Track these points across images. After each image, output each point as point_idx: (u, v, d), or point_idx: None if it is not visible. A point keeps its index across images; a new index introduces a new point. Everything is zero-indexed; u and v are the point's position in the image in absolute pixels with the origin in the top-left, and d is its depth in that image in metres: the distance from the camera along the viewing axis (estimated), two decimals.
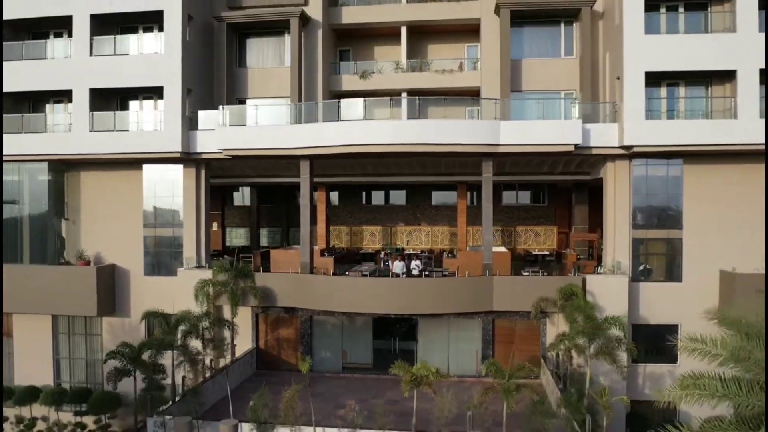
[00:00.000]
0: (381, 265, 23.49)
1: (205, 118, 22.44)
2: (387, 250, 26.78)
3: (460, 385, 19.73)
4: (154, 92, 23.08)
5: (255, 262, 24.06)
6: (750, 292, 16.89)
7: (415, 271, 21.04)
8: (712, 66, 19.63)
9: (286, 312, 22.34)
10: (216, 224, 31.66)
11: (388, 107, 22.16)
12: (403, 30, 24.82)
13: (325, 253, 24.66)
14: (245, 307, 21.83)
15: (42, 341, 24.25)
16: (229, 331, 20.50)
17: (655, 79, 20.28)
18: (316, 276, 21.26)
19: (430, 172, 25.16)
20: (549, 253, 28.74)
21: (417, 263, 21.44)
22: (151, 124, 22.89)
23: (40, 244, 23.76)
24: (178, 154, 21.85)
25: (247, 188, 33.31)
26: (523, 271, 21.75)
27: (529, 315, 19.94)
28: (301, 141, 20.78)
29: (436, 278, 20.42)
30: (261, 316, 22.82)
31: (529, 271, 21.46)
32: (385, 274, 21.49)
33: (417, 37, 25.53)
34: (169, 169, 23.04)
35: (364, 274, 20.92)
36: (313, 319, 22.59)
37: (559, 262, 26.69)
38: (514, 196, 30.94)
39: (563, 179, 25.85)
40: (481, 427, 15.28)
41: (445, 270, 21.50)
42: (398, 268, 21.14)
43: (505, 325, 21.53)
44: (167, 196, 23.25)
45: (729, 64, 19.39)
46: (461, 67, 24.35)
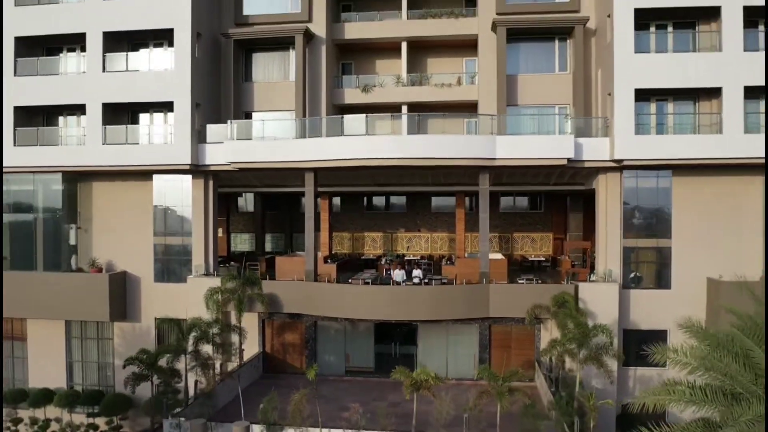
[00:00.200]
0: (383, 273, 24.24)
1: (213, 131, 23.29)
2: (388, 257, 27.49)
3: (458, 387, 20.61)
4: (164, 105, 23.76)
5: (261, 269, 24.87)
6: (735, 299, 17.68)
7: (416, 280, 21.78)
8: (698, 83, 20.39)
9: (292, 318, 23.09)
10: (221, 230, 32.30)
11: (389, 120, 22.86)
12: (404, 45, 25.49)
13: (329, 260, 25.33)
14: (252, 313, 22.61)
15: (55, 345, 25.07)
16: (237, 336, 21.33)
17: (644, 95, 21.06)
18: (321, 284, 22.03)
19: (429, 183, 25.89)
20: (545, 258, 29.48)
21: (418, 273, 22.19)
22: (161, 137, 23.73)
23: (54, 252, 24.60)
24: (188, 166, 22.62)
25: (251, 195, 33.90)
26: (518, 278, 22.45)
27: (524, 321, 20.59)
28: (305, 154, 21.54)
29: (435, 286, 21.21)
30: (267, 322, 23.58)
31: (524, 279, 22.19)
32: (387, 282, 22.23)
33: (417, 51, 26.22)
34: (179, 179, 23.81)
35: (366, 282, 21.68)
36: (317, 324, 23.39)
37: (555, 268, 27.49)
38: (512, 202, 31.48)
39: (558, 189, 26.57)
40: (477, 429, 16.14)
41: (444, 278, 22.27)
42: (399, 276, 21.92)
43: (501, 330, 22.34)
44: (176, 206, 24.06)
45: (715, 81, 20.19)
46: (459, 82, 25.12)
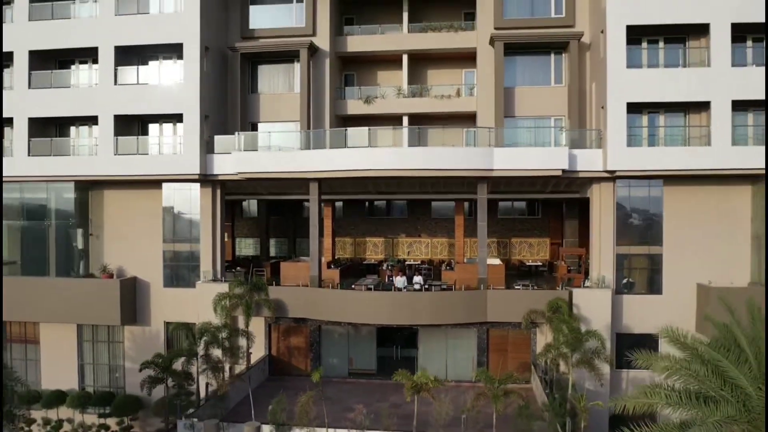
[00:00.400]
0: (385, 279, 25.06)
1: (221, 142, 24.15)
2: (390, 263, 28.29)
3: (456, 389, 21.46)
4: (173, 116, 24.56)
5: (266, 274, 25.71)
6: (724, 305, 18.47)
7: (416, 286, 22.57)
8: (688, 97, 21.17)
9: (297, 322, 23.91)
10: (226, 235, 33.07)
11: (391, 132, 23.58)
12: (405, 57, 26.24)
13: (332, 265, 26.13)
14: (258, 317, 23.40)
15: (67, 348, 25.87)
16: (245, 340, 22.14)
17: (637, 108, 21.85)
18: (326, 290, 22.83)
19: (429, 191, 26.67)
20: (542, 264, 30.26)
21: (419, 279, 22.99)
22: (170, 147, 24.61)
23: (66, 258, 25.46)
24: (197, 175, 23.46)
25: (256, 200, 34.55)
26: (515, 284, 23.19)
27: (520, 325, 21.38)
28: (311, 165, 22.37)
29: (435, 292, 22.01)
30: (273, 326, 24.43)
31: (520, 285, 22.93)
32: (388, 288, 23.00)
33: (417, 63, 27.01)
34: (187, 187, 24.64)
35: (369, 288, 22.49)
36: (321, 328, 24.24)
37: (552, 273, 28.29)
38: (510, 208, 32.21)
39: (554, 197, 27.37)
40: (474, 429, 16.98)
41: (443, 283, 23.05)
42: (400, 282, 22.71)
43: (499, 334, 23.20)
44: (185, 213, 24.90)
45: (704, 95, 20.94)
46: (459, 93, 25.91)
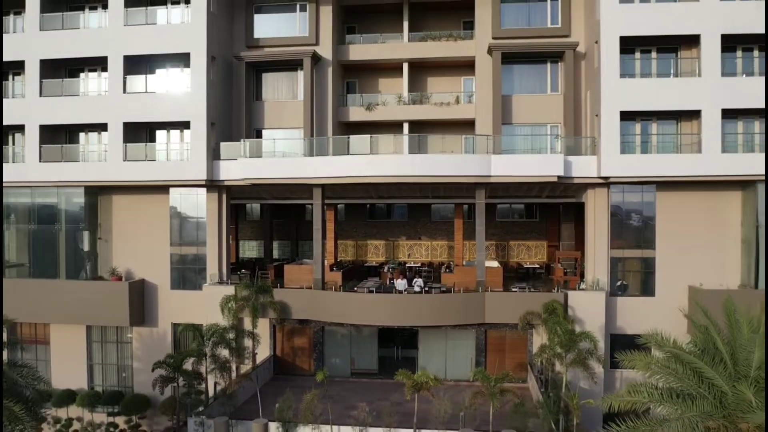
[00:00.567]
0: (386, 282, 25.76)
1: (226, 148, 24.88)
2: (391, 266, 28.99)
3: (455, 388, 22.19)
4: (180, 124, 25.30)
5: (270, 277, 26.43)
6: (715, 307, 19.16)
7: (417, 288, 23.27)
8: (679, 106, 21.91)
9: (301, 323, 24.62)
10: (231, 237, 33.72)
11: (392, 139, 24.26)
12: (405, 65, 27.02)
13: (334, 268, 26.83)
14: (263, 319, 24.13)
15: (77, 348, 26.58)
16: (251, 340, 22.88)
17: (630, 116, 22.58)
18: (329, 292, 23.56)
19: (429, 195, 27.43)
20: (540, 266, 30.95)
21: (419, 282, 23.69)
22: (178, 153, 25.39)
23: (76, 261, 26.18)
24: (204, 181, 24.21)
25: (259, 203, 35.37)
26: (512, 287, 23.91)
27: (517, 326, 22.07)
28: (314, 171, 23.09)
29: (434, 294, 22.70)
30: (278, 327, 25.15)
31: (518, 287, 23.64)
32: (390, 290, 23.69)
33: (418, 71, 27.76)
34: (193, 192, 25.39)
35: (371, 290, 23.20)
36: (324, 329, 24.97)
37: (549, 275, 29.00)
38: (508, 211, 32.80)
39: (550, 202, 28.08)
40: (472, 426, 17.69)
41: (443, 286, 23.77)
42: (401, 285, 23.42)
43: (497, 335, 23.91)
44: (191, 218, 25.65)
45: (695, 104, 21.69)
46: (458, 100, 26.62)
